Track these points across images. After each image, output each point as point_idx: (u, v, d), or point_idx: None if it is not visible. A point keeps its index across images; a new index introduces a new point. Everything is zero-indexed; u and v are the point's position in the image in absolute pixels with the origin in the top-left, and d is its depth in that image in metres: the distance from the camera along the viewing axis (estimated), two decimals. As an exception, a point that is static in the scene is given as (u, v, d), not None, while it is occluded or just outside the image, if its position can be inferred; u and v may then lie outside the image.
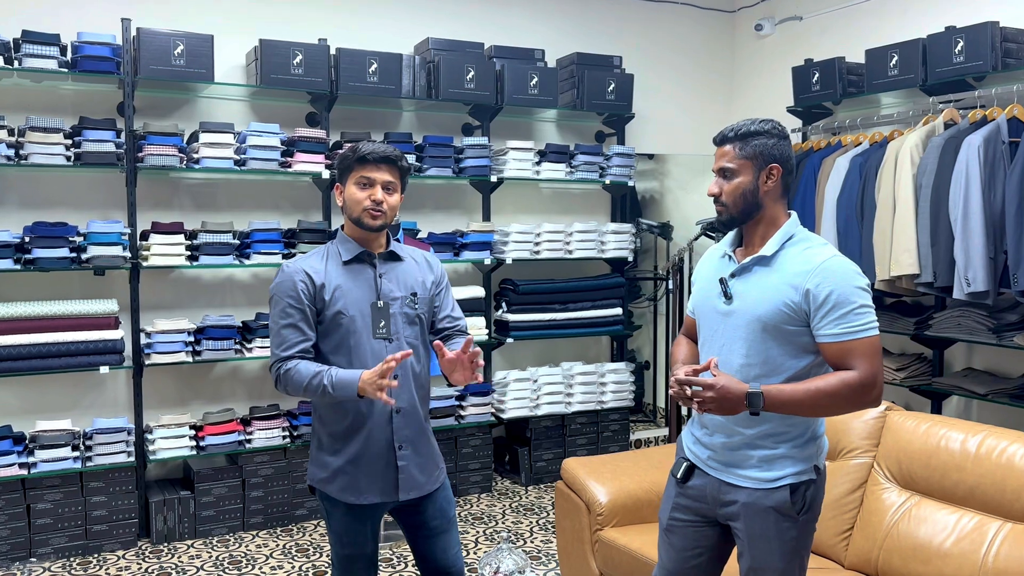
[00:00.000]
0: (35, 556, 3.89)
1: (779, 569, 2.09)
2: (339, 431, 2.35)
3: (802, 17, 5.29)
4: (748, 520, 2.10)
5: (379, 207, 2.31)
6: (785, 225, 2.10)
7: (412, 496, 2.38)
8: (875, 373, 1.98)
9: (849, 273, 2.02)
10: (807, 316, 2.02)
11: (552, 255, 4.95)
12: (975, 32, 3.92)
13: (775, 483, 2.08)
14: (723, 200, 2.11)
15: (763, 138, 2.08)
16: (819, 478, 2.13)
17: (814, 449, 2.12)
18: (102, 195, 4.20)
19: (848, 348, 1.99)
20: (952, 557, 2.47)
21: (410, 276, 2.42)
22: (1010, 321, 3.85)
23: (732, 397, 1.96)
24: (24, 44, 3.83)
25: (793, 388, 1.99)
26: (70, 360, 3.92)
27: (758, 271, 2.10)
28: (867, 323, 2.00)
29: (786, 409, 1.99)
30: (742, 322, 2.08)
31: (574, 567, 3.19)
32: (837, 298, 1.98)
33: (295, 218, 4.52)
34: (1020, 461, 2.46)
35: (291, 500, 4.37)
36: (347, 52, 4.41)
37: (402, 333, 2.37)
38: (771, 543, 2.08)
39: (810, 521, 2.12)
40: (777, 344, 2.05)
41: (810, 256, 2.04)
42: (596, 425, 5.15)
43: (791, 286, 2.03)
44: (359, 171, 2.32)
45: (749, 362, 2.07)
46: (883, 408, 2.91)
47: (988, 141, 3.63)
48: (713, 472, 2.17)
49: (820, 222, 4.38)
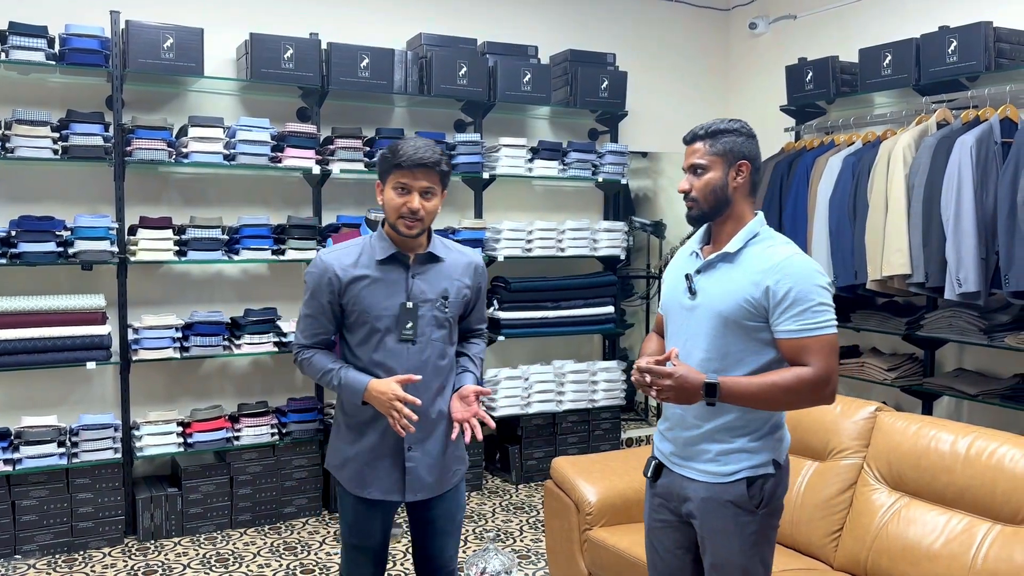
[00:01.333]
0: (20, 553, 3.86)
1: (740, 565, 2.10)
2: (356, 423, 2.37)
3: (796, 16, 5.27)
4: (706, 515, 2.12)
5: (415, 215, 2.26)
6: (750, 223, 2.14)
7: (419, 497, 2.37)
8: (830, 370, 2.02)
9: (809, 271, 2.04)
10: (767, 312, 2.05)
11: (544, 253, 4.93)
12: (968, 32, 3.92)
13: (731, 477, 2.10)
14: (694, 196, 2.14)
15: (732, 136, 2.13)
16: (779, 472, 2.14)
17: (772, 443, 2.13)
18: (90, 189, 4.17)
19: (804, 344, 2.02)
20: (941, 559, 2.47)
21: (445, 278, 2.37)
22: (1001, 322, 3.85)
23: (689, 386, 1.99)
24: (11, 36, 3.79)
25: (748, 380, 2.03)
26: (56, 355, 3.89)
27: (722, 267, 2.14)
28: (824, 321, 2.03)
29: (741, 401, 2.03)
30: (704, 317, 2.12)
31: (563, 567, 3.17)
32: (796, 295, 2.01)
33: (285, 214, 4.49)
34: (1010, 463, 2.45)
35: (279, 498, 4.34)
36: (339, 47, 4.38)
37: (428, 336, 2.34)
38: (730, 538, 2.10)
39: (771, 515, 2.13)
40: (737, 339, 2.08)
41: (772, 254, 2.08)
42: (587, 424, 5.13)
43: (752, 283, 2.06)
44: (396, 175, 2.27)
45: (710, 356, 2.10)
46: (873, 409, 2.90)
47: (981, 142, 3.62)
48: (675, 468, 2.20)
49: (812, 221, 4.38)
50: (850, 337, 4.76)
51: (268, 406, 4.36)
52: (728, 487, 2.09)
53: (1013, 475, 2.42)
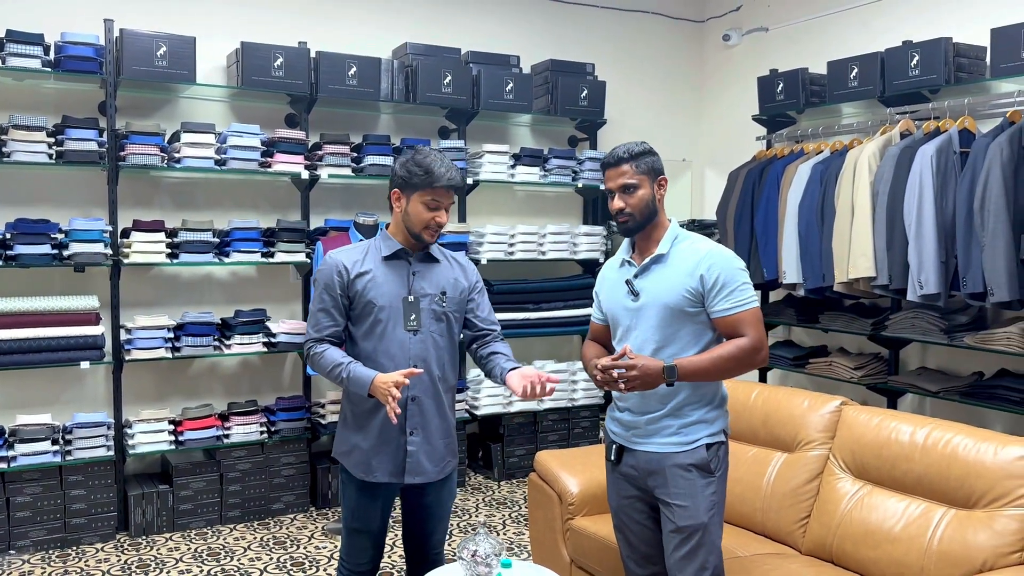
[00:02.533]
0: (14, 549, 3.94)
1: (703, 524, 2.39)
2: (361, 411, 2.54)
3: (768, 28, 5.48)
4: (674, 480, 2.41)
5: (441, 227, 2.53)
6: (670, 228, 2.49)
7: (417, 481, 2.53)
8: (760, 337, 2.38)
9: (730, 258, 2.43)
10: (703, 297, 2.40)
11: (526, 256, 5.09)
12: (930, 47, 4.12)
13: (694, 444, 2.43)
14: (628, 211, 2.44)
15: (650, 156, 2.47)
16: (727, 441, 2.50)
17: (722, 414, 2.50)
18: (84, 193, 4.26)
19: (737, 319, 2.38)
20: (900, 541, 2.64)
21: (443, 276, 2.59)
22: (961, 322, 4.05)
23: (652, 372, 2.31)
24: (8, 43, 3.89)
25: (699, 357, 2.37)
26: (51, 355, 3.98)
27: (656, 268, 2.46)
28: (750, 297, 2.40)
29: (696, 376, 2.36)
30: (651, 312, 2.44)
31: (546, 555, 3.32)
32: (724, 279, 2.38)
33: (274, 217, 4.61)
34: (963, 452, 2.63)
35: (268, 494, 4.45)
36: (327, 55, 4.51)
37: (428, 327, 2.53)
38: (695, 499, 2.40)
39: (724, 481, 2.47)
40: (682, 326, 2.42)
41: (697, 248, 2.45)
42: (567, 422, 5.29)
43: (688, 274, 2.41)
44: (430, 193, 2.49)
45: (661, 345, 2.42)
46: (838, 403, 3.07)
47: (940, 151, 3.82)
48: (639, 447, 2.48)
49: (783, 226, 4.56)
50: (819, 337, 4.96)
51: (257, 405, 4.47)
52: (691, 453, 2.42)
53: (965, 462, 2.60)
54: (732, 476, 3.17)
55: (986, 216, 3.55)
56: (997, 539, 2.45)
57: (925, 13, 4.54)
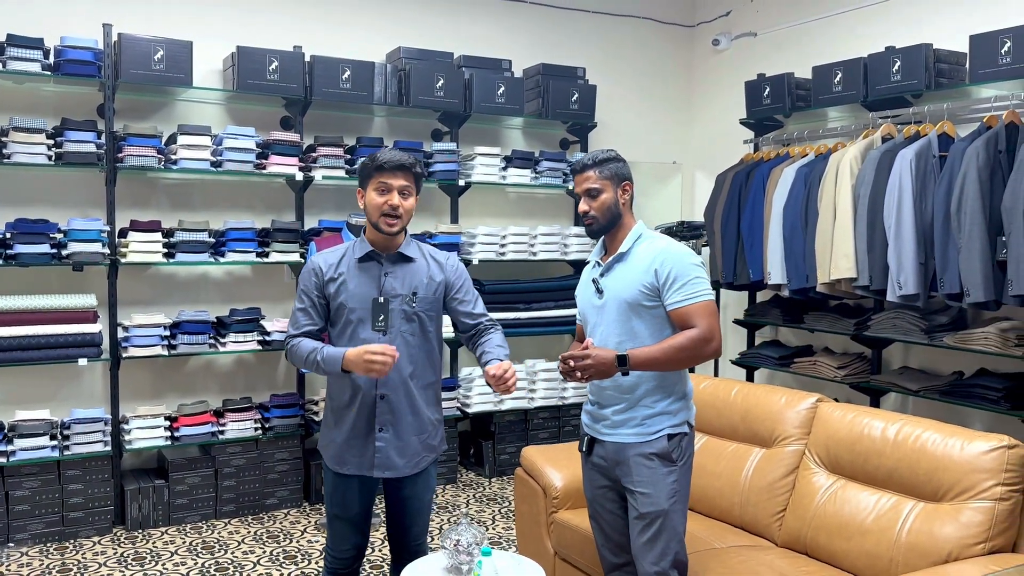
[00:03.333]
0: (13, 541, 4.03)
1: (665, 510, 2.50)
2: (338, 406, 2.65)
3: (756, 33, 5.56)
4: (637, 468, 2.53)
5: (395, 211, 2.56)
6: (634, 229, 2.61)
7: (387, 475, 2.62)
8: (712, 328, 2.47)
9: (683, 253, 2.54)
10: (659, 292, 2.52)
11: (517, 257, 5.18)
12: (911, 53, 4.21)
13: (656, 434, 2.54)
14: (593, 214, 2.59)
15: (614, 163, 2.61)
16: (690, 434, 2.61)
17: (685, 407, 2.60)
18: (82, 193, 4.35)
19: (688, 311, 2.48)
20: (871, 533, 2.72)
21: (416, 276, 2.63)
22: (941, 323, 4.14)
23: (605, 361, 2.43)
24: (8, 47, 3.98)
25: (651, 348, 2.48)
26: (49, 352, 4.07)
27: (618, 267, 2.59)
28: (701, 290, 2.49)
29: (648, 365, 2.46)
30: (612, 307, 2.57)
31: (531, 548, 3.40)
32: (677, 273, 2.49)
33: (269, 218, 4.69)
34: (931, 447, 2.71)
35: (262, 490, 4.54)
36: (321, 59, 4.60)
37: (398, 328, 2.59)
38: (657, 486, 2.51)
39: (687, 471, 2.58)
40: (641, 320, 2.54)
41: (653, 246, 2.57)
42: (557, 420, 5.37)
43: (644, 270, 2.53)
44: (378, 177, 2.57)
45: (622, 339, 2.55)
46: (814, 400, 3.15)
47: (920, 155, 3.91)
48: (607, 437, 2.61)
49: (768, 228, 4.65)
50: (804, 337, 5.05)
51: (252, 402, 4.56)
52: (653, 443, 2.53)
53: (934, 457, 2.68)
54: (712, 471, 3.28)
55: (962, 219, 3.63)
56: (963, 530, 2.53)
57: (908, 20, 4.63)
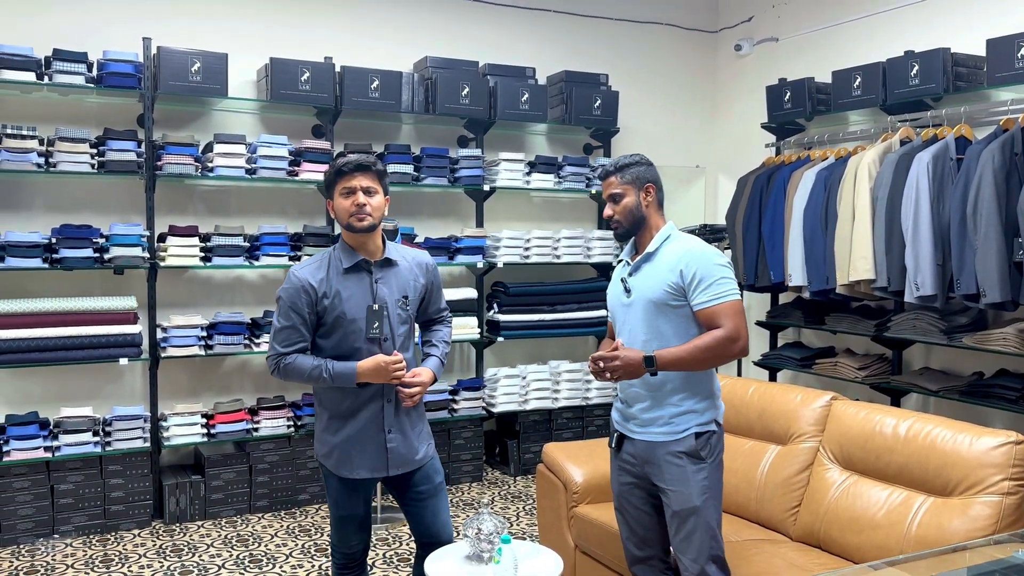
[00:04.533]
0: (57, 533, 4.21)
1: (696, 508, 2.54)
2: (337, 414, 2.68)
3: (778, 38, 5.63)
4: (666, 467, 2.57)
5: (363, 209, 2.59)
6: (663, 229, 2.64)
7: (401, 471, 2.71)
8: (737, 328, 2.49)
9: (709, 253, 2.56)
10: (685, 292, 2.55)
11: (541, 259, 5.28)
12: (929, 57, 4.26)
13: (683, 433, 2.57)
14: (616, 219, 2.65)
15: (636, 167, 2.64)
16: (720, 431, 2.63)
17: (713, 406, 2.62)
18: (123, 200, 4.54)
19: (714, 311, 2.50)
20: (882, 528, 2.79)
21: (403, 280, 2.71)
22: (961, 323, 4.17)
23: (633, 362, 2.49)
24: (55, 61, 4.17)
25: (678, 348, 2.51)
26: (92, 352, 4.25)
27: (645, 267, 2.63)
28: (727, 290, 2.51)
29: (675, 365, 2.50)
30: (639, 307, 2.61)
31: (553, 541, 3.51)
32: (702, 273, 2.51)
33: (301, 223, 4.86)
34: (941, 443, 2.77)
35: (295, 485, 4.69)
36: (351, 70, 4.75)
37: (395, 332, 2.67)
38: (687, 484, 2.55)
39: (717, 467, 2.60)
40: (667, 319, 2.57)
41: (680, 246, 2.60)
42: (581, 420, 5.47)
43: (670, 270, 2.57)
44: (340, 183, 2.62)
45: (648, 338, 2.59)
46: (829, 398, 3.23)
47: (937, 158, 3.95)
48: (637, 435, 2.65)
49: (789, 231, 4.71)
50: (827, 338, 5.10)
51: (284, 400, 4.71)
52: (681, 441, 2.57)
53: (943, 453, 2.75)
54: (729, 467, 3.32)
55: (978, 220, 3.68)
56: (971, 524, 2.59)
57: (925, 24, 4.67)
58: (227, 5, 4.78)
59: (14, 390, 4.39)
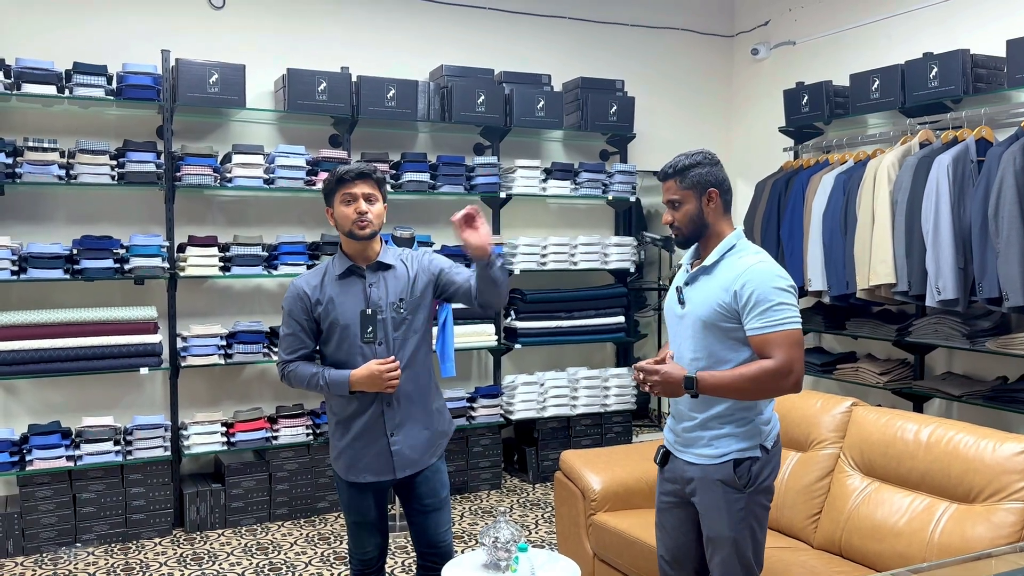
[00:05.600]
0: (80, 541, 4.25)
1: (730, 538, 2.38)
2: (343, 419, 2.71)
3: (795, 42, 5.60)
4: (702, 492, 2.42)
5: (364, 217, 2.62)
6: (726, 239, 2.42)
7: (407, 473, 2.71)
8: (791, 361, 2.27)
9: (769, 275, 2.33)
10: (738, 314, 2.34)
11: (558, 266, 5.28)
12: (948, 59, 4.22)
13: (721, 459, 2.39)
14: (676, 225, 2.46)
15: (697, 169, 2.42)
16: (765, 456, 2.40)
17: (757, 430, 2.41)
18: (143, 211, 4.58)
19: (767, 340, 2.29)
20: (904, 535, 2.75)
21: (399, 282, 2.70)
22: (983, 327, 4.12)
23: (673, 381, 2.33)
24: (75, 75, 4.22)
25: (722, 373, 2.33)
26: (113, 362, 4.29)
27: (702, 279, 2.44)
28: (785, 318, 2.29)
29: (717, 391, 2.32)
30: (689, 322, 2.44)
31: (571, 549, 3.49)
32: (758, 297, 2.30)
33: (319, 232, 4.88)
34: (963, 448, 2.74)
35: (314, 493, 4.70)
36: (367, 79, 4.77)
37: (390, 335, 2.67)
38: (721, 513, 2.38)
39: (758, 494, 2.39)
40: (717, 340, 2.38)
41: (740, 263, 2.37)
42: (600, 427, 5.45)
43: (723, 289, 2.36)
44: (341, 191, 2.64)
45: (696, 356, 2.41)
46: (849, 404, 3.20)
47: (957, 160, 3.91)
48: (679, 454, 2.51)
49: (808, 235, 4.67)
50: (848, 343, 5.05)
51: (303, 409, 4.73)
52: (718, 467, 2.38)
53: (966, 459, 2.71)
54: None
55: (1000, 223, 3.64)
56: (995, 531, 2.55)
57: (944, 26, 4.63)
58: (244, 17, 4.82)
59: (37, 400, 4.44)
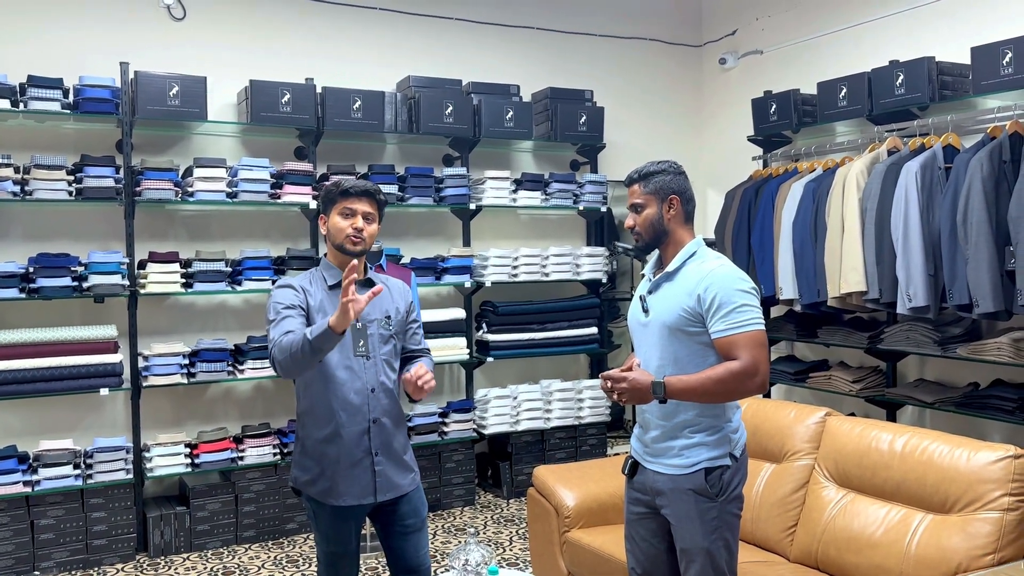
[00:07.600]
0: (38, 570, 4.10)
1: (704, 548, 2.36)
2: (320, 437, 2.59)
3: (762, 51, 5.61)
4: (673, 503, 2.40)
5: (359, 234, 2.60)
6: (687, 246, 2.45)
7: (389, 496, 2.62)
8: (756, 362, 2.29)
9: (731, 278, 2.35)
10: (703, 318, 2.36)
11: (529, 278, 5.22)
12: (914, 66, 4.23)
13: (693, 468, 2.38)
14: (637, 230, 2.49)
15: (662, 176, 2.46)
16: (735, 464, 2.42)
17: (727, 438, 2.41)
18: (102, 227, 4.46)
19: (732, 341, 2.31)
20: (881, 547, 2.72)
21: (385, 301, 2.69)
22: (955, 334, 4.12)
23: (640, 387, 2.32)
24: (30, 88, 4.11)
25: (689, 377, 2.33)
26: (72, 383, 4.16)
27: (665, 285, 2.46)
28: (749, 319, 2.32)
29: (685, 395, 2.33)
30: (655, 329, 2.44)
31: (545, 567, 3.42)
32: (721, 299, 2.32)
33: (284, 246, 4.78)
34: (939, 458, 2.71)
35: (282, 514, 4.59)
36: (332, 90, 4.70)
37: (378, 350, 2.63)
38: (694, 523, 2.37)
39: (729, 503, 2.40)
40: (683, 345, 2.39)
41: (701, 267, 2.40)
42: (574, 440, 5.39)
43: (687, 293, 2.38)
44: (342, 203, 2.61)
45: (663, 363, 2.42)
46: (823, 414, 3.16)
47: (925, 167, 3.92)
48: (648, 464, 2.49)
49: (778, 244, 4.66)
50: (820, 352, 5.04)
51: (270, 427, 4.62)
52: (689, 477, 2.38)
53: (941, 468, 2.68)
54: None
55: (969, 229, 3.64)
56: (971, 542, 2.53)
57: (910, 34, 4.65)
58: (205, 28, 4.73)
59: (-8, 423, 4.30)
